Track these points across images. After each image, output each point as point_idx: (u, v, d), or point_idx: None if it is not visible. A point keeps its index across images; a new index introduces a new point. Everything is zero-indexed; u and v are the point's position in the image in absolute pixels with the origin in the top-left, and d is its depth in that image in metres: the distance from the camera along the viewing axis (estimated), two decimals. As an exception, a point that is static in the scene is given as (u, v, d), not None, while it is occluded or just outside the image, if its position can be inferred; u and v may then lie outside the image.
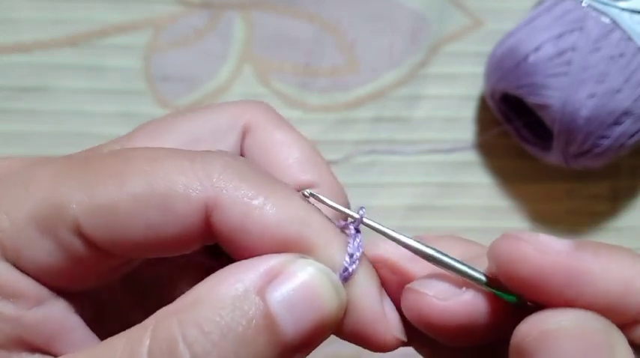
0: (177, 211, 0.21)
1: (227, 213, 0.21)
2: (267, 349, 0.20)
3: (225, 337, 0.19)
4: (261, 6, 0.62)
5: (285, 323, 0.20)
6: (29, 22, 0.60)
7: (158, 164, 0.22)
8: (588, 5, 0.53)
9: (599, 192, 0.62)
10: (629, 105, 0.52)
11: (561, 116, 0.53)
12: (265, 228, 0.21)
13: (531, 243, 0.20)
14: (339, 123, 0.61)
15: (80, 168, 0.22)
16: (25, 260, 0.22)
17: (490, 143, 0.62)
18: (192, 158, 0.22)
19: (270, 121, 0.29)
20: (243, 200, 0.21)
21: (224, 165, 0.22)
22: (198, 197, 0.21)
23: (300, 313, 0.20)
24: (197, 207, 0.21)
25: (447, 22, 0.62)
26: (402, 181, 0.61)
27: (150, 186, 0.21)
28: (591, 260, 0.20)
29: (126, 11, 0.61)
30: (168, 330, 0.19)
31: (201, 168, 0.22)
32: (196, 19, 0.61)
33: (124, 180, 0.21)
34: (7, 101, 0.59)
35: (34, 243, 0.22)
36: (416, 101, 0.62)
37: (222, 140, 0.28)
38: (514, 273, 0.20)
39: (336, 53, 0.62)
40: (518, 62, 0.54)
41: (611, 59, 0.52)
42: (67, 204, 0.21)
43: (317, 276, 0.21)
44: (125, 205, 0.21)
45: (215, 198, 0.21)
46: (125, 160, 0.22)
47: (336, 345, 0.60)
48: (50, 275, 0.22)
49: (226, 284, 0.20)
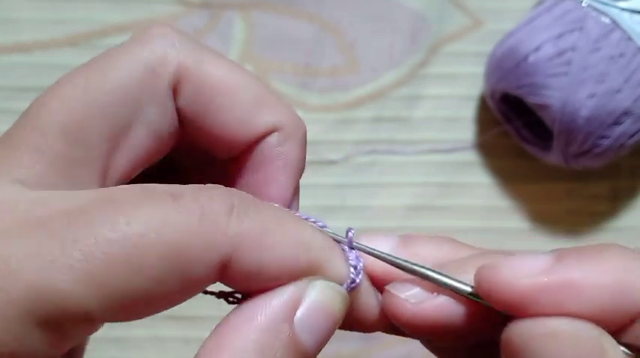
0: (197, 275, 0.20)
1: (244, 262, 0.21)
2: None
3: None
4: (261, 6, 0.62)
5: (307, 341, 0.21)
6: (29, 22, 0.60)
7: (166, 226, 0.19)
8: (588, 5, 0.53)
9: (599, 192, 0.62)
10: (629, 105, 0.52)
11: (561, 116, 0.53)
12: (280, 266, 0.21)
13: (506, 269, 0.21)
14: (339, 123, 0.61)
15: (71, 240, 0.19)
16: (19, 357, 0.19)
17: (490, 143, 0.62)
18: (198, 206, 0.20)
19: (197, 62, 0.24)
20: (260, 244, 0.21)
21: (229, 206, 0.20)
22: (217, 255, 0.20)
23: (320, 329, 0.22)
24: (217, 264, 0.20)
25: (447, 22, 0.62)
26: (402, 181, 0.61)
27: (164, 255, 0.19)
28: (573, 271, 0.20)
29: (126, 11, 0.61)
30: None
31: (210, 219, 0.20)
32: (196, 19, 0.62)
33: (132, 253, 0.19)
34: (7, 101, 0.59)
35: (30, 340, 0.19)
36: (416, 101, 0.62)
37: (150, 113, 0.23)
38: (498, 300, 0.21)
39: (336, 53, 0.62)
40: (518, 62, 0.54)
41: (611, 59, 0.52)
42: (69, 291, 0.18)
43: (330, 295, 0.22)
44: (139, 283, 0.19)
45: (231, 253, 0.20)
46: (126, 224, 0.19)
47: (335, 345, 0.61)
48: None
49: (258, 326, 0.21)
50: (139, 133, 0.24)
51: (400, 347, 0.58)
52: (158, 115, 0.24)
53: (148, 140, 0.24)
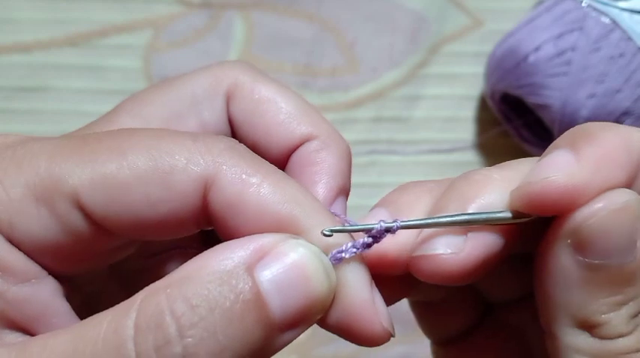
0: (178, 186, 0.21)
1: (224, 190, 0.22)
2: (254, 327, 0.20)
3: (212, 311, 0.19)
4: (261, 6, 0.62)
5: (274, 302, 0.20)
6: (29, 22, 0.60)
7: (161, 141, 0.22)
8: (588, 5, 0.53)
9: (599, 192, 0.62)
10: (629, 105, 0.52)
11: (561, 116, 0.53)
12: (260, 206, 0.21)
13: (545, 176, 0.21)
14: (339, 123, 0.61)
15: (79, 144, 0.22)
16: (19, 233, 0.21)
17: (490, 143, 0.62)
18: (195, 137, 0.22)
19: (253, 80, 0.28)
20: (241, 176, 0.22)
21: (225, 145, 0.22)
22: (199, 172, 0.22)
23: (289, 293, 0.20)
24: (197, 182, 0.22)
25: (447, 22, 0.62)
26: (402, 181, 0.60)
27: (152, 160, 0.21)
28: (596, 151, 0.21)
29: (126, 11, 0.61)
30: (156, 304, 0.19)
31: (202, 146, 0.22)
32: (196, 19, 0.61)
33: (126, 154, 0.21)
34: (7, 101, 0.59)
35: (30, 215, 0.21)
36: (416, 101, 0.62)
37: (205, 110, 0.28)
38: (552, 205, 0.21)
39: (336, 53, 0.62)
40: (518, 62, 0.54)
41: (611, 59, 0.52)
42: (66, 176, 0.21)
43: (307, 257, 0.21)
44: (127, 179, 0.21)
45: (214, 175, 0.22)
46: (128, 137, 0.22)
47: (335, 345, 0.61)
48: (44, 251, 0.22)
49: (215, 260, 0.20)
50: (191, 123, 0.28)
51: (400, 347, 0.58)
52: (210, 113, 0.28)
53: (196, 130, 0.28)
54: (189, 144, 0.22)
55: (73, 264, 0.23)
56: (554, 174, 0.21)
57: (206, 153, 0.22)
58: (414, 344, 0.63)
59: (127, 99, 0.28)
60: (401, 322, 0.60)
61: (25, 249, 0.21)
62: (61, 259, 0.22)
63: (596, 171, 0.21)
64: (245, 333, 0.19)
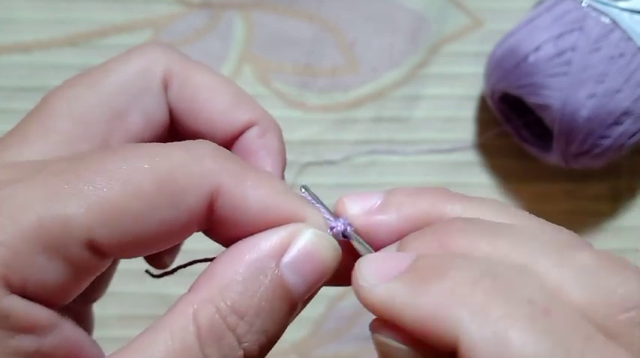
0: (187, 202, 0.22)
1: (229, 195, 0.22)
2: (286, 312, 0.23)
3: (258, 317, 0.22)
4: (261, 6, 0.62)
5: (296, 285, 0.23)
6: (29, 22, 0.60)
7: (158, 159, 0.22)
8: (588, 5, 0.53)
9: (599, 192, 0.62)
10: (629, 105, 0.52)
11: (561, 116, 0.53)
12: (263, 204, 0.23)
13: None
14: (338, 123, 0.61)
15: (71, 178, 0.21)
16: (31, 287, 0.20)
17: (490, 143, 0.62)
18: (186, 148, 0.23)
19: (185, 67, 0.29)
20: (241, 180, 0.23)
21: (213, 151, 0.23)
22: (205, 187, 0.22)
23: (309, 275, 0.23)
24: (205, 196, 0.22)
25: (446, 22, 0.62)
26: (402, 181, 0.61)
27: (158, 182, 0.21)
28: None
29: (126, 11, 0.61)
30: (210, 318, 0.21)
31: (198, 157, 0.22)
32: (196, 19, 0.61)
33: (129, 181, 0.21)
34: (7, 101, 0.59)
35: (40, 266, 0.20)
36: (416, 101, 0.62)
37: (145, 103, 0.28)
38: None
39: (336, 53, 0.62)
40: (518, 62, 0.54)
41: (611, 59, 0.52)
42: (73, 216, 0.20)
43: (317, 240, 0.23)
44: (137, 206, 0.21)
45: (218, 184, 0.22)
46: (122, 160, 0.21)
47: (335, 345, 0.61)
48: (56, 295, 0.21)
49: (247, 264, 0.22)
50: (135, 119, 0.27)
51: (400, 347, 0.58)
52: (151, 105, 0.28)
53: (142, 125, 0.28)
54: (186, 158, 0.22)
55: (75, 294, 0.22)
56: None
57: (205, 165, 0.22)
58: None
59: (53, 97, 0.27)
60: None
61: (41, 300, 0.21)
62: (72, 295, 0.22)
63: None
64: (281, 320, 0.23)
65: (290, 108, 0.61)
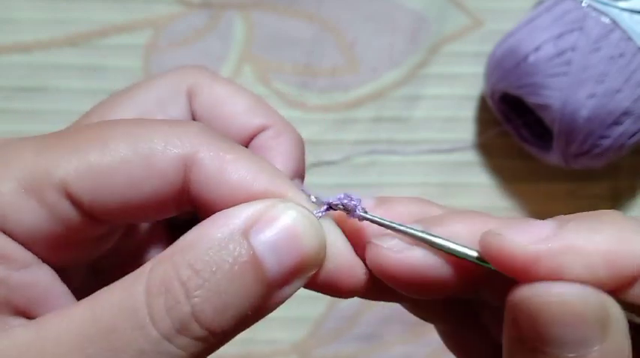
0: (159, 166, 0.23)
1: (205, 167, 0.23)
2: (253, 285, 0.22)
3: (214, 273, 0.21)
4: (261, 6, 0.62)
5: (270, 263, 0.22)
6: (29, 22, 0.60)
7: (139, 128, 0.23)
8: (588, 5, 0.53)
9: (599, 192, 0.62)
10: (629, 105, 0.52)
11: (561, 116, 0.53)
12: (242, 178, 0.23)
13: (512, 236, 0.21)
14: (338, 123, 0.61)
15: (62, 138, 0.24)
16: (11, 224, 0.22)
17: (490, 143, 0.62)
18: (170, 123, 0.24)
19: (211, 80, 0.32)
20: (219, 154, 0.23)
21: (198, 128, 0.24)
22: (177, 153, 0.23)
23: (284, 253, 0.22)
24: (176, 161, 0.23)
25: (446, 22, 0.62)
26: (402, 181, 0.61)
27: (133, 145, 0.23)
28: (574, 237, 0.21)
29: (126, 11, 0.61)
30: (164, 271, 0.21)
31: (178, 130, 0.24)
32: (196, 19, 0.61)
33: (108, 143, 0.23)
34: (7, 101, 0.59)
35: (21, 207, 0.22)
36: (416, 101, 0.62)
37: (170, 108, 0.31)
38: (505, 265, 0.21)
39: (336, 53, 0.62)
40: (518, 62, 0.54)
41: (611, 59, 0.52)
42: (53, 167, 0.22)
43: (298, 218, 0.22)
44: (110, 164, 0.23)
45: (193, 154, 0.23)
46: (108, 127, 0.24)
47: (335, 345, 0.61)
48: (36, 241, 0.23)
49: (214, 228, 0.22)
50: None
51: (400, 347, 0.58)
52: (174, 111, 0.31)
53: None
54: (166, 128, 0.23)
55: (63, 254, 0.24)
56: (526, 238, 0.21)
57: (183, 136, 0.23)
58: (414, 344, 0.63)
59: (96, 106, 0.31)
60: (401, 322, 0.61)
61: (19, 240, 0.23)
62: (53, 248, 0.23)
63: (574, 257, 0.20)
64: (245, 290, 0.21)
65: (290, 108, 0.61)
